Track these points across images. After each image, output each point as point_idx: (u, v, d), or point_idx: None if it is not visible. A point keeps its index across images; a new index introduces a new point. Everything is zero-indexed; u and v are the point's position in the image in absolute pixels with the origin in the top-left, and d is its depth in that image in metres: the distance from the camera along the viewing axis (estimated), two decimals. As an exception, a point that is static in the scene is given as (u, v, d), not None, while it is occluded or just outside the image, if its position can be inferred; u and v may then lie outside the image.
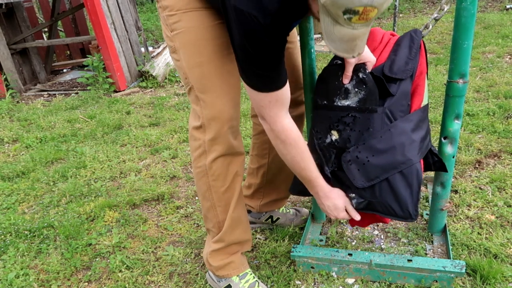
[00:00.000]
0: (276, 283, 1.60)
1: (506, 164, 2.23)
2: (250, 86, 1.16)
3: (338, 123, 1.32)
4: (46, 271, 1.82)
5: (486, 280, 1.48)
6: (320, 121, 1.39)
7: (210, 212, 1.47)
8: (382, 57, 1.31)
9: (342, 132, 1.32)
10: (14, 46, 4.82)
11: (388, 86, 1.27)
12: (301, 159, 1.27)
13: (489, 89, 3.28)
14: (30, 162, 2.88)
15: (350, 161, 1.31)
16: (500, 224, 1.78)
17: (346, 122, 1.31)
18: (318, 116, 1.40)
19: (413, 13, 7.04)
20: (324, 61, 4.38)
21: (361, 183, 1.30)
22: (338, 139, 1.33)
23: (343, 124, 1.31)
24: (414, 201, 1.29)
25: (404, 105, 1.29)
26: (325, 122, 1.36)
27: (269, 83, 1.14)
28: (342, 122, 1.31)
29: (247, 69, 1.13)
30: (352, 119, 1.30)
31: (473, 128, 2.64)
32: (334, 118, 1.33)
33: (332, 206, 1.36)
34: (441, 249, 1.68)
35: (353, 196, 1.35)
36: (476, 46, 4.43)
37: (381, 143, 1.27)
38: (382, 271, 1.53)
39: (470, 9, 1.24)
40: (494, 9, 6.41)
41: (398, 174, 1.26)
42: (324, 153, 1.37)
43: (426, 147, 1.34)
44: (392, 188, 1.28)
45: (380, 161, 1.27)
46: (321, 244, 1.77)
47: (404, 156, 1.25)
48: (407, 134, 1.27)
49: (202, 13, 1.22)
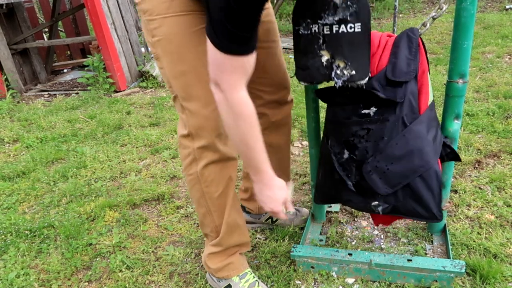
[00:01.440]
0: (276, 283, 1.60)
1: (506, 164, 2.23)
2: (219, 46, 1.06)
3: (353, 137, 1.34)
4: (47, 271, 1.82)
5: (486, 280, 1.49)
6: (333, 135, 1.40)
7: (207, 218, 1.46)
8: (383, 62, 1.31)
9: (358, 145, 1.33)
10: (14, 46, 4.83)
11: (394, 91, 1.28)
12: (251, 137, 1.15)
13: (488, 89, 3.28)
14: (30, 162, 2.88)
15: (371, 171, 1.33)
16: (499, 224, 1.79)
17: (360, 135, 1.33)
18: (331, 129, 1.41)
19: (413, 13, 7.04)
20: (324, 61, 4.38)
21: (385, 190, 1.33)
22: (356, 152, 1.35)
23: (358, 137, 1.33)
24: (437, 201, 1.34)
25: (414, 106, 1.30)
26: (339, 136, 1.38)
27: (241, 45, 1.06)
28: (357, 135, 1.33)
29: (221, 28, 1.03)
30: (366, 131, 1.32)
31: (472, 128, 2.65)
32: (347, 133, 1.35)
33: (272, 196, 1.25)
34: (441, 249, 1.68)
35: (376, 204, 1.37)
36: (475, 46, 4.43)
37: (398, 150, 1.29)
38: (382, 271, 1.53)
39: (469, 9, 1.24)
40: (493, 9, 6.42)
41: (419, 178, 1.30)
42: (344, 167, 1.39)
43: (439, 144, 1.37)
44: (414, 192, 1.32)
45: (399, 168, 1.30)
46: (321, 244, 1.78)
47: (422, 159, 1.28)
48: (421, 137, 1.29)
49: (184, 19, 1.18)
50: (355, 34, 1.18)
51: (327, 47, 1.22)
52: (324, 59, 1.23)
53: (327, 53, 1.22)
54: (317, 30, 1.21)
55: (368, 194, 1.38)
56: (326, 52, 1.22)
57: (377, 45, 1.33)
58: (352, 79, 1.22)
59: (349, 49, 1.20)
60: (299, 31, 1.26)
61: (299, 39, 1.27)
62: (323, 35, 1.21)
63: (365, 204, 1.41)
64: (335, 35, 1.19)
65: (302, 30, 1.24)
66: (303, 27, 1.24)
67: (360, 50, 1.21)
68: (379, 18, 6.73)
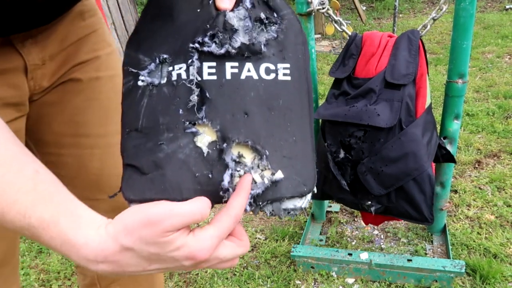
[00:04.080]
0: (276, 283, 1.60)
1: (506, 164, 2.23)
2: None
3: (350, 137, 1.34)
4: (47, 271, 1.82)
5: (486, 280, 1.49)
6: (330, 134, 1.40)
7: None
8: (382, 63, 1.32)
9: (354, 145, 1.34)
10: (14, 47, 4.83)
11: (392, 93, 1.28)
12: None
13: (488, 89, 3.28)
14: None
15: (366, 172, 1.34)
16: (499, 224, 1.79)
17: (357, 136, 1.33)
18: (329, 129, 1.42)
19: (413, 13, 7.04)
20: (324, 61, 4.38)
21: (378, 191, 1.34)
22: (352, 153, 1.35)
23: (355, 138, 1.34)
24: (429, 204, 1.35)
25: (411, 109, 1.30)
26: (336, 136, 1.38)
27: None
28: (354, 136, 1.34)
29: None
30: (363, 133, 1.32)
31: (472, 128, 2.65)
32: (344, 133, 1.35)
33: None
34: (440, 249, 1.68)
35: (369, 204, 1.39)
36: (475, 46, 4.43)
37: (393, 152, 1.30)
38: (382, 271, 1.54)
39: (469, 10, 1.24)
40: (493, 9, 6.42)
41: (412, 181, 1.31)
42: (340, 166, 1.39)
43: (434, 147, 1.37)
44: (407, 194, 1.33)
45: (394, 170, 1.30)
46: (321, 244, 1.78)
47: (416, 162, 1.29)
48: (416, 140, 1.29)
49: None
50: (280, 85, 0.50)
51: (210, 114, 0.48)
52: (203, 142, 0.48)
53: (210, 130, 0.48)
54: (184, 75, 0.49)
55: (362, 194, 1.38)
56: (206, 126, 0.48)
57: (377, 45, 1.33)
58: (276, 194, 0.48)
59: (265, 118, 0.49)
60: (137, 81, 0.51)
61: (137, 97, 0.50)
62: (200, 85, 0.49)
63: (358, 203, 1.42)
64: (231, 84, 0.49)
65: (147, 76, 0.50)
66: (148, 72, 0.50)
67: (295, 127, 0.50)
68: (379, 18, 6.74)
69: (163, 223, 0.41)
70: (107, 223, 0.44)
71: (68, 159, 0.77)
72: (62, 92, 0.73)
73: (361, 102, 1.31)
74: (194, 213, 0.43)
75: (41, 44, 0.67)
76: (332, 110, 1.36)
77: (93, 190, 0.80)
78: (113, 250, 0.42)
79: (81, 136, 0.76)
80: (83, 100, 0.75)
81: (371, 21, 6.20)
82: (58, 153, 0.76)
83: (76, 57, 0.73)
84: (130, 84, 0.51)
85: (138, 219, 0.41)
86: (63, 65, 0.72)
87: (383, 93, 1.29)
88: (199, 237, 0.44)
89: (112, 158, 0.77)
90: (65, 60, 0.72)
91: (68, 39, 0.72)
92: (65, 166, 0.77)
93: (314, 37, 1.49)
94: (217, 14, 0.49)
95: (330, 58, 4.40)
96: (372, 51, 1.34)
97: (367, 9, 6.96)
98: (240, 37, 0.49)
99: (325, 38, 5.17)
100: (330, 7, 1.42)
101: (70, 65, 0.73)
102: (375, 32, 1.39)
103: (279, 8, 0.51)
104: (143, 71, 0.50)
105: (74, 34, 0.72)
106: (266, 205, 0.49)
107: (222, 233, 0.45)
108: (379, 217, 1.51)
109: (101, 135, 0.78)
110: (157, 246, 0.41)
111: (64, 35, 0.71)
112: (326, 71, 3.92)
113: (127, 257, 0.42)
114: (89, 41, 0.75)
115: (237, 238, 0.48)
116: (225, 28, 0.48)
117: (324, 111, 1.39)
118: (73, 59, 0.73)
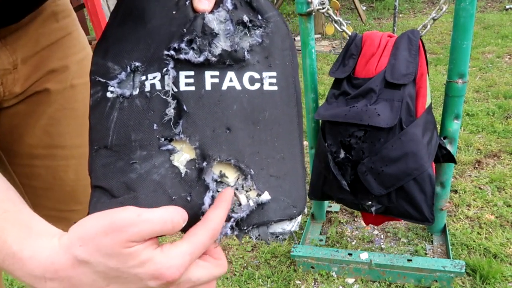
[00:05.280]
0: (276, 283, 1.60)
1: (506, 164, 2.23)
2: None
3: (350, 137, 1.34)
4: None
5: (486, 280, 1.49)
6: (330, 134, 1.41)
7: None
8: (382, 63, 1.32)
9: (355, 145, 1.34)
10: (14, 47, 4.83)
11: (392, 93, 1.28)
12: None
13: (488, 89, 3.28)
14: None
15: (366, 172, 1.34)
16: (499, 224, 1.79)
17: (357, 136, 1.33)
18: (329, 129, 1.42)
19: (413, 13, 7.04)
20: (324, 61, 4.38)
21: (379, 191, 1.34)
22: (352, 153, 1.35)
23: (355, 138, 1.34)
24: (429, 204, 1.35)
25: (411, 109, 1.30)
26: (336, 136, 1.38)
27: None
28: (354, 136, 1.34)
29: None
30: (363, 133, 1.32)
31: (472, 128, 2.65)
32: (344, 133, 1.35)
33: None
34: (440, 249, 1.68)
35: (370, 204, 1.38)
36: (475, 46, 4.43)
37: (393, 152, 1.30)
38: (382, 271, 1.54)
39: (469, 10, 1.25)
40: (493, 9, 6.42)
41: (412, 181, 1.31)
42: (340, 167, 1.39)
43: (434, 147, 1.37)
44: (408, 194, 1.33)
45: (394, 170, 1.30)
46: (321, 244, 1.78)
47: (416, 162, 1.29)
48: (416, 140, 1.29)
49: None
50: (266, 97, 0.45)
51: (188, 129, 0.42)
52: (181, 161, 0.42)
53: (188, 147, 0.42)
54: (158, 85, 0.43)
55: (362, 194, 1.38)
56: (184, 142, 0.42)
57: (377, 45, 1.33)
58: (263, 218, 0.43)
59: (250, 134, 0.44)
60: (106, 92, 0.45)
61: (107, 110, 0.44)
62: (177, 97, 0.43)
63: (358, 203, 1.42)
64: (211, 96, 0.43)
65: (117, 87, 0.44)
66: (118, 81, 0.45)
67: (282, 143, 0.45)
68: (379, 18, 6.74)
69: (127, 230, 0.34)
70: (63, 234, 0.37)
71: (41, 170, 0.73)
72: (35, 103, 0.69)
73: (361, 102, 1.31)
74: (165, 221, 0.36)
75: (11, 47, 0.62)
76: (332, 110, 1.36)
77: (68, 201, 0.77)
78: (64, 264, 0.35)
79: (55, 147, 0.72)
80: (57, 110, 0.71)
81: (371, 21, 6.20)
82: (31, 164, 0.72)
83: (49, 62, 0.68)
84: (98, 95, 0.44)
85: (99, 225, 0.34)
86: (36, 70, 0.67)
87: (383, 93, 1.29)
88: (168, 253, 0.36)
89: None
90: (38, 64, 0.67)
91: (41, 42, 0.67)
92: (38, 178, 0.73)
93: (314, 37, 1.49)
94: (195, 16, 0.43)
95: (330, 58, 4.40)
96: (372, 51, 1.34)
97: (367, 9, 6.96)
98: (221, 42, 0.43)
99: (325, 38, 5.17)
100: (330, 7, 1.42)
101: (44, 70, 0.68)
102: (375, 32, 1.39)
103: (263, 9, 0.45)
104: (112, 81, 0.44)
105: (47, 36, 0.67)
106: (252, 229, 0.43)
107: (196, 249, 0.37)
108: (380, 217, 1.51)
109: (77, 146, 0.73)
110: (118, 259, 0.34)
111: (37, 38, 0.66)
112: (326, 71, 3.92)
113: (80, 272, 0.35)
114: (63, 44, 0.70)
115: (213, 258, 0.40)
116: (204, 32, 0.42)
117: (324, 112, 1.39)
118: (47, 64, 0.68)
